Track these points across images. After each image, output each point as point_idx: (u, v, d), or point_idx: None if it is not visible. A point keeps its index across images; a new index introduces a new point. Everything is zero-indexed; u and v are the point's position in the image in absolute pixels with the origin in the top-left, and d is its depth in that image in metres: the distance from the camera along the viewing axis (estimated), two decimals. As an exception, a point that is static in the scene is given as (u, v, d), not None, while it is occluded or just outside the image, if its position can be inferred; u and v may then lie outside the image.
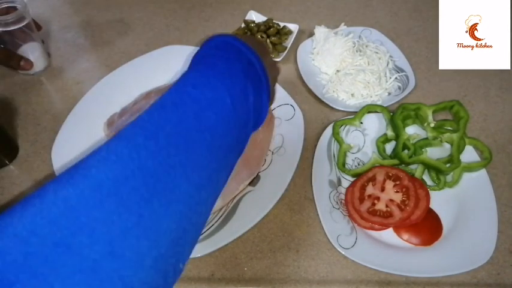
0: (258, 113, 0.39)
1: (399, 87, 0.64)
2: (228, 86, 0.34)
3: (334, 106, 0.62)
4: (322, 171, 0.53)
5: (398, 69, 0.66)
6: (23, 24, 0.60)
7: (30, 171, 0.56)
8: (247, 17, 0.73)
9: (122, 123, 0.56)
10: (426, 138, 0.55)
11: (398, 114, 0.56)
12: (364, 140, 0.58)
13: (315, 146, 0.56)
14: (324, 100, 0.62)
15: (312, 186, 0.52)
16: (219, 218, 0.49)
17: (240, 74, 0.36)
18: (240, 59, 0.38)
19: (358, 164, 0.56)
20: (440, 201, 0.51)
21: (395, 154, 0.54)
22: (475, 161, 0.54)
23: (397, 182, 0.51)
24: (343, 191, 0.53)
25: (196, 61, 0.39)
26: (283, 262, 0.48)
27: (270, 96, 0.41)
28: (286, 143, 0.56)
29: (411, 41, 0.72)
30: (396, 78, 0.64)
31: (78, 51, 0.72)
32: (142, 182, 0.24)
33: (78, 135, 0.56)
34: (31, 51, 0.65)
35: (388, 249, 0.48)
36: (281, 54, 0.68)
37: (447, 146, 0.55)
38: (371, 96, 0.62)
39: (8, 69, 0.66)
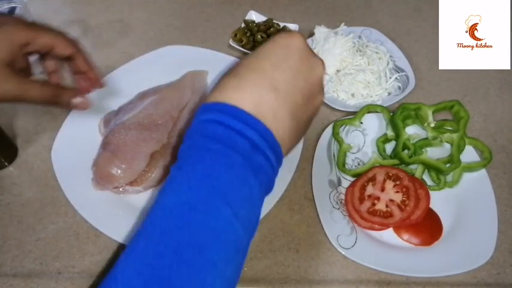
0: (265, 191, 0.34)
1: (399, 87, 0.64)
2: (228, 200, 0.29)
3: (334, 106, 0.62)
4: (322, 171, 0.53)
5: (398, 69, 0.66)
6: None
7: (30, 172, 0.56)
8: (247, 17, 0.73)
9: (115, 122, 0.56)
10: (426, 138, 0.55)
11: (398, 114, 0.56)
12: (364, 140, 0.58)
13: (315, 146, 0.56)
14: (324, 100, 0.62)
15: (312, 186, 0.52)
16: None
17: (240, 172, 0.30)
18: (240, 149, 0.30)
19: (358, 164, 0.56)
20: (440, 201, 0.51)
21: (395, 154, 0.54)
22: (475, 161, 0.54)
23: (397, 182, 0.51)
24: (343, 191, 0.53)
25: (189, 156, 0.31)
26: (283, 262, 0.48)
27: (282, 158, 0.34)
28: (286, 143, 0.55)
29: (411, 41, 0.72)
30: (396, 78, 0.64)
31: (78, 51, 0.72)
32: None
33: (78, 135, 0.56)
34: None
35: (388, 249, 0.48)
36: (281, 54, 0.68)
37: (447, 146, 0.55)
38: (371, 96, 0.62)
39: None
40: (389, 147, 0.57)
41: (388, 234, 0.49)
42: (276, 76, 0.33)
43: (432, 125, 0.56)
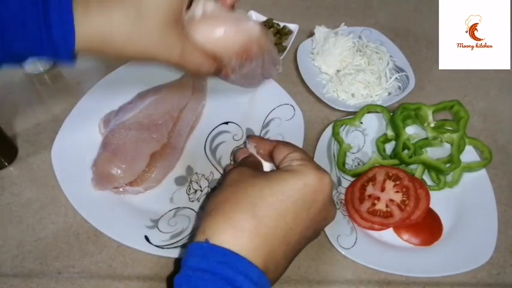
0: None
1: (399, 87, 0.64)
2: None
3: (334, 106, 0.62)
4: (322, 171, 0.53)
5: (398, 69, 0.66)
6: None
7: (30, 171, 0.56)
8: (247, 17, 0.73)
9: (115, 122, 0.56)
10: (426, 138, 0.55)
11: (398, 114, 0.56)
12: (364, 140, 0.58)
13: (315, 146, 0.56)
14: (324, 100, 0.62)
15: (312, 186, 0.52)
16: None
17: None
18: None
19: (358, 164, 0.56)
20: (440, 201, 0.51)
21: (395, 154, 0.54)
22: (475, 161, 0.54)
23: (397, 182, 0.51)
24: (343, 191, 0.53)
25: None
26: (283, 262, 0.48)
27: None
28: (286, 143, 0.55)
29: (411, 41, 0.72)
30: (396, 78, 0.64)
31: (78, 51, 0.71)
32: None
33: (78, 135, 0.56)
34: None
35: (388, 249, 0.48)
36: (281, 54, 0.68)
37: (447, 146, 0.55)
38: (371, 96, 0.62)
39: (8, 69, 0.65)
40: (389, 147, 0.57)
41: (388, 234, 0.49)
42: (293, 229, 0.33)
43: (432, 125, 0.56)
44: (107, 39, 0.31)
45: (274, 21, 0.72)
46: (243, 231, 0.31)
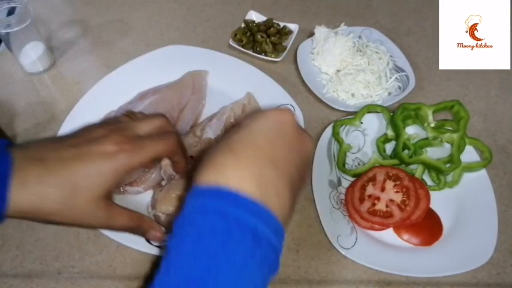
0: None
1: (399, 87, 0.64)
2: None
3: (334, 106, 0.62)
4: (322, 171, 0.53)
5: (398, 69, 0.66)
6: (25, 25, 0.60)
7: (30, 171, 0.56)
8: (247, 17, 0.73)
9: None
10: (426, 138, 0.55)
11: (398, 114, 0.56)
12: (364, 140, 0.58)
13: (315, 146, 0.56)
14: (324, 100, 0.62)
15: (312, 186, 0.52)
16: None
17: (243, 270, 0.27)
18: (244, 244, 0.27)
19: (358, 164, 0.56)
20: (440, 201, 0.51)
21: (395, 154, 0.54)
22: (475, 161, 0.54)
23: (397, 182, 0.51)
24: (343, 191, 0.53)
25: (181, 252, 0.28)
26: (283, 262, 0.47)
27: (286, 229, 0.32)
28: (286, 143, 0.55)
29: (411, 41, 0.72)
30: (396, 78, 0.64)
31: (78, 51, 0.72)
32: None
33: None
34: (34, 50, 0.65)
35: (388, 249, 0.48)
36: (281, 54, 0.68)
37: (447, 146, 0.55)
38: (371, 96, 0.62)
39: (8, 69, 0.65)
40: (389, 147, 0.57)
41: (388, 234, 0.49)
42: (275, 153, 0.32)
43: (432, 125, 0.56)
44: (39, 210, 0.33)
45: (274, 21, 0.72)
46: (226, 165, 0.30)
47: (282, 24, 0.72)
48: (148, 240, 0.46)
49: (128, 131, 0.39)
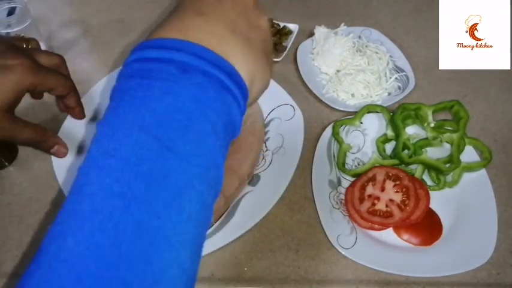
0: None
1: (399, 87, 0.64)
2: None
3: (334, 106, 0.62)
4: (322, 171, 0.53)
5: (398, 69, 0.66)
6: (25, 25, 0.60)
7: (30, 171, 0.56)
8: (247, 17, 0.73)
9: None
10: (426, 138, 0.55)
11: (398, 114, 0.56)
12: (364, 140, 0.58)
13: (315, 146, 0.56)
14: (324, 100, 0.62)
15: (312, 186, 0.52)
16: (219, 218, 0.49)
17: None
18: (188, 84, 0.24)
19: (358, 164, 0.56)
20: (440, 201, 0.51)
21: (395, 154, 0.54)
22: (475, 161, 0.54)
23: (397, 182, 0.51)
24: (343, 191, 0.53)
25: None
26: (283, 262, 0.48)
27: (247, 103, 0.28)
28: (286, 143, 0.55)
29: (411, 41, 0.72)
30: (396, 78, 0.64)
31: (78, 51, 0.72)
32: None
33: (78, 135, 0.56)
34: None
35: (388, 249, 0.48)
36: (281, 54, 0.68)
37: (447, 146, 0.55)
38: (371, 96, 0.62)
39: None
40: (389, 147, 0.57)
41: (388, 234, 0.49)
42: (236, 21, 0.29)
43: (432, 125, 0.56)
44: None
45: (274, 21, 0.72)
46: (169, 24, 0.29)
47: (282, 24, 0.72)
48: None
49: (28, 53, 0.41)
